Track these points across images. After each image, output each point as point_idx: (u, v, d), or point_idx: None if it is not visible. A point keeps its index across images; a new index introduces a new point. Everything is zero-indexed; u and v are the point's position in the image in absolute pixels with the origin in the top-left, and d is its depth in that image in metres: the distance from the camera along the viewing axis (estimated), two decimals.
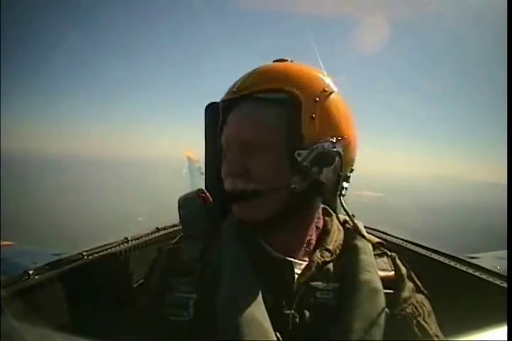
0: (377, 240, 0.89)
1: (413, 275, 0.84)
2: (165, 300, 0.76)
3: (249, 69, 0.82)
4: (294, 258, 0.78)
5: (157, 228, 1.57)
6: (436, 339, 0.75)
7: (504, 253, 1.85)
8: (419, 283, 0.83)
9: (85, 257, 1.10)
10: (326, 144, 0.71)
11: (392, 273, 0.81)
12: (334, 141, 0.72)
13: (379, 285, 0.74)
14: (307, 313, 0.73)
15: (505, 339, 0.39)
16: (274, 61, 0.85)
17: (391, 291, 0.77)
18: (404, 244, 1.45)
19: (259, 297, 0.70)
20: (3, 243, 1.95)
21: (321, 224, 0.86)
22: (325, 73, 0.80)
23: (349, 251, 0.81)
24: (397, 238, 1.52)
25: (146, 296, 0.83)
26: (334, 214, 0.90)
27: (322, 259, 0.78)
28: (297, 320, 0.72)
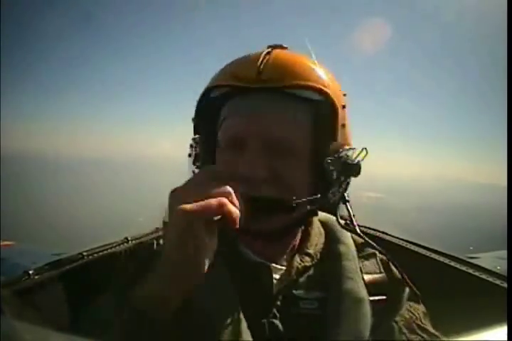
0: (365, 240, 0.84)
1: (405, 277, 0.80)
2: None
3: None
4: (275, 263, 0.74)
5: (157, 228, 1.57)
6: (437, 339, 0.74)
7: (504, 253, 1.85)
8: (412, 285, 0.79)
9: (85, 257, 1.10)
10: (350, 153, 0.69)
11: (381, 275, 0.78)
12: (354, 150, 0.70)
13: (362, 293, 0.71)
14: (287, 322, 0.69)
15: (505, 339, 0.39)
16: (270, 47, 0.73)
17: (382, 297, 0.74)
18: (404, 244, 1.45)
19: (237, 303, 0.67)
20: (3, 243, 1.95)
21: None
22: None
23: (332, 256, 0.77)
24: (397, 238, 1.51)
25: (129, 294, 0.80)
26: (314, 217, 0.83)
27: (302, 264, 0.74)
28: (277, 328, 0.68)
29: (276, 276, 0.73)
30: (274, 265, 0.74)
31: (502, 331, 0.39)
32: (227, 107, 0.70)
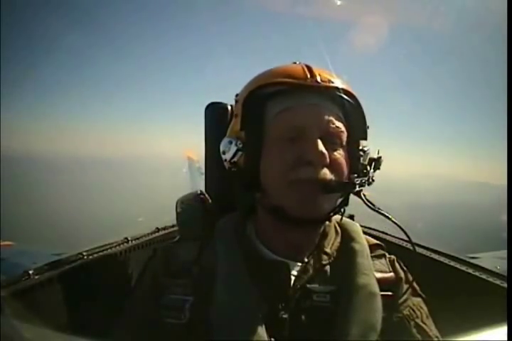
0: (376, 242, 0.88)
1: (410, 277, 0.83)
2: (160, 301, 0.74)
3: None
4: (292, 261, 0.77)
5: (157, 228, 1.58)
6: (435, 339, 0.74)
7: (504, 253, 1.85)
8: (416, 286, 0.83)
9: (85, 257, 1.10)
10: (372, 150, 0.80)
11: (390, 274, 0.81)
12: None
13: (376, 288, 0.74)
14: (303, 316, 0.72)
15: (505, 339, 0.39)
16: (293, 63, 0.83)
17: (389, 293, 0.77)
18: (404, 244, 1.45)
19: (255, 299, 0.70)
20: (3, 243, 1.95)
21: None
22: None
23: (346, 254, 0.80)
24: (397, 238, 1.52)
25: (140, 296, 0.81)
26: (332, 218, 0.86)
27: (320, 262, 0.78)
28: (293, 322, 0.71)
29: (295, 273, 0.76)
30: (292, 262, 0.77)
31: (502, 331, 0.39)
32: (283, 101, 0.74)
